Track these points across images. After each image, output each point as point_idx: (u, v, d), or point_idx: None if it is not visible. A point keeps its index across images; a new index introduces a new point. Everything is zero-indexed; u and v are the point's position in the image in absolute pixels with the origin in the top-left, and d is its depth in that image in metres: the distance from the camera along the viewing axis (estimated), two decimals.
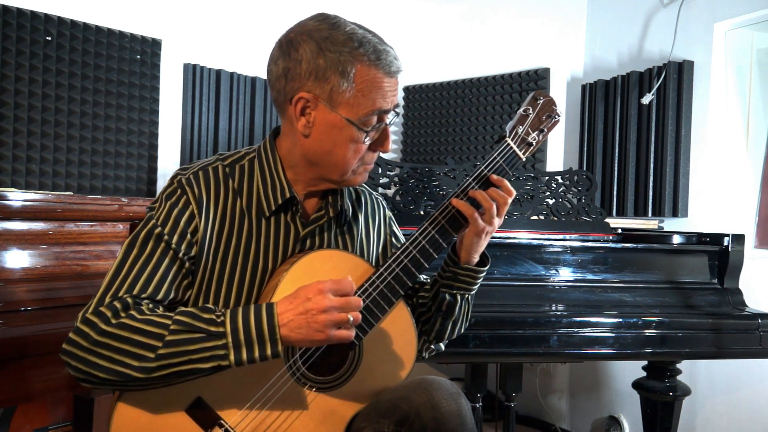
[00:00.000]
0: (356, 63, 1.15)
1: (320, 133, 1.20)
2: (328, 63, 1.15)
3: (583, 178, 2.38)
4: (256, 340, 1.07)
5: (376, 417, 1.20)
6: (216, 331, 1.08)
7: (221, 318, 1.09)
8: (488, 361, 2.25)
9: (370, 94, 1.17)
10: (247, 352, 1.07)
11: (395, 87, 1.21)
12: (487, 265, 1.33)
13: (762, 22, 2.64)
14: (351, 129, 1.18)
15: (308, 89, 1.17)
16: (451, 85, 3.57)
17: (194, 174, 1.23)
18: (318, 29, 1.17)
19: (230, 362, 1.07)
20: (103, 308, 1.11)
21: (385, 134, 1.23)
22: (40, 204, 1.70)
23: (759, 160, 2.76)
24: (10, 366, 1.50)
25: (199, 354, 1.07)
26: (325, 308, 1.07)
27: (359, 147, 1.20)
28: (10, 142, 2.49)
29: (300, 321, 1.08)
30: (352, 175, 1.25)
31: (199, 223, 1.20)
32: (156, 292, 1.15)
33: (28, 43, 2.51)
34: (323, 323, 1.07)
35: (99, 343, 1.08)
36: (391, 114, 1.22)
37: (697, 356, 2.27)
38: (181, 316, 1.09)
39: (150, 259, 1.16)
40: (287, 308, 1.09)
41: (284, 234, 1.26)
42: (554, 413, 3.26)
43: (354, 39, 1.16)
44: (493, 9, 3.50)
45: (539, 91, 1.37)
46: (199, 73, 3.06)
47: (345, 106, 1.17)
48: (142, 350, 1.07)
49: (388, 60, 1.18)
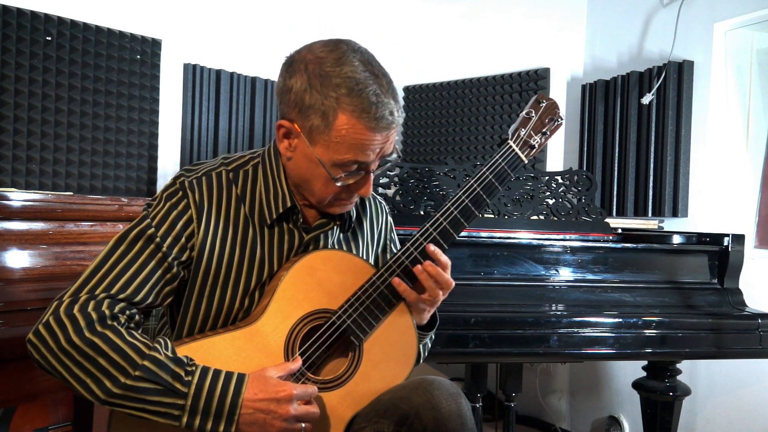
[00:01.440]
0: (339, 111, 1.11)
1: (299, 160, 1.20)
2: (312, 102, 1.12)
3: (583, 178, 2.38)
4: (214, 414, 1.07)
5: (376, 417, 1.20)
6: (179, 390, 1.06)
7: (188, 377, 1.07)
8: (488, 361, 2.25)
9: (349, 146, 1.13)
10: (201, 421, 1.06)
11: (385, 140, 1.15)
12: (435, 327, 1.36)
13: (762, 22, 2.64)
14: (323, 169, 1.16)
15: (292, 119, 1.16)
16: (451, 85, 3.57)
17: (198, 178, 1.22)
18: (319, 61, 1.13)
19: (181, 424, 1.06)
20: (77, 312, 1.08)
21: (364, 181, 1.20)
22: (40, 204, 1.70)
23: (759, 160, 2.76)
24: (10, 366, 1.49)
25: (154, 406, 1.06)
26: (287, 417, 1.08)
27: (331, 186, 1.19)
28: (10, 142, 2.49)
29: (258, 417, 1.08)
30: (329, 206, 1.24)
31: (197, 229, 1.19)
32: (134, 295, 1.14)
33: (28, 43, 2.51)
34: (278, 429, 1.09)
35: (64, 351, 1.06)
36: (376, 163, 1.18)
37: (697, 356, 2.27)
38: (150, 363, 1.06)
39: (136, 259, 1.15)
40: (252, 397, 1.08)
41: (288, 240, 1.26)
42: (554, 413, 3.26)
43: (349, 84, 1.11)
44: (493, 9, 3.50)
45: (542, 94, 1.37)
46: (199, 73, 3.06)
47: (322, 147, 1.15)
48: (103, 377, 1.05)
49: (379, 114, 1.12)
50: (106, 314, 1.09)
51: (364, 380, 1.24)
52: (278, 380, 1.11)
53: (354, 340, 1.22)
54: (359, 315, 1.22)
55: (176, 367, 1.07)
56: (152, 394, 1.05)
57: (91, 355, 1.05)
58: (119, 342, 1.07)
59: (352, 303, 1.22)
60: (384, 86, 1.14)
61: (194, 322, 1.22)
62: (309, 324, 1.21)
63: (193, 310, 1.22)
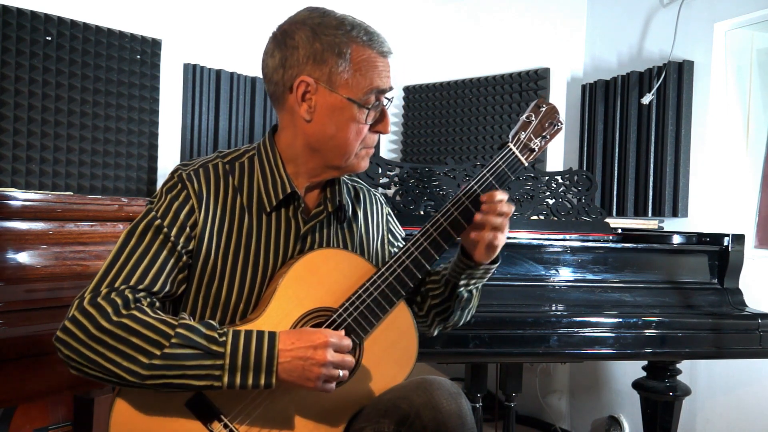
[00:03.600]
0: (351, 44, 1.20)
1: (322, 116, 1.22)
2: (324, 45, 1.19)
3: (583, 178, 2.38)
4: (253, 368, 1.09)
5: (376, 417, 1.20)
6: (216, 351, 1.08)
7: (223, 338, 1.10)
8: (488, 361, 2.25)
9: (367, 72, 1.20)
10: (242, 377, 1.09)
11: (389, 68, 1.25)
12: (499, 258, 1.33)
13: (762, 22, 2.64)
14: (352, 108, 1.20)
15: (307, 73, 1.20)
16: (451, 85, 3.57)
17: (195, 170, 1.24)
18: (310, 17, 1.23)
19: (222, 384, 1.08)
20: (102, 300, 1.10)
21: (383, 115, 1.26)
22: (40, 204, 1.70)
23: (759, 160, 2.76)
24: (10, 366, 1.49)
25: (194, 371, 1.07)
26: (324, 362, 1.10)
27: (361, 128, 1.23)
28: (10, 142, 2.49)
29: (296, 365, 1.10)
30: (355, 159, 1.26)
31: (199, 218, 1.20)
32: (153, 284, 1.16)
33: (28, 43, 2.51)
34: (317, 375, 1.11)
35: (96, 339, 1.07)
36: (389, 94, 1.26)
37: (697, 356, 2.27)
38: (183, 330, 1.09)
39: (148, 250, 1.17)
40: (289, 347, 1.11)
41: (285, 230, 1.27)
42: (554, 413, 3.26)
43: (345, 23, 1.21)
44: (493, 9, 3.50)
45: (542, 99, 1.38)
46: (199, 73, 3.06)
47: (344, 87, 1.20)
48: (139, 354, 1.07)
49: (380, 41, 1.23)
50: (129, 298, 1.12)
51: (364, 379, 1.24)
52: (312, 329, 1.14)
53: (354, 339, 1.22)
54: (360, 314, 1.22)
55: (208, 330, 1.10)
56: (190, 359, 1.07)
57: (124, 336, 1.07)
58: (148, 318, 1.09)
59: (353, 302, 1.22)
60: (367, 24, 1.25)
61: (193, 315, 1.23)
62: (310, 322, 1.21)
63: (192, 302, 1.22)
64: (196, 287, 1.22)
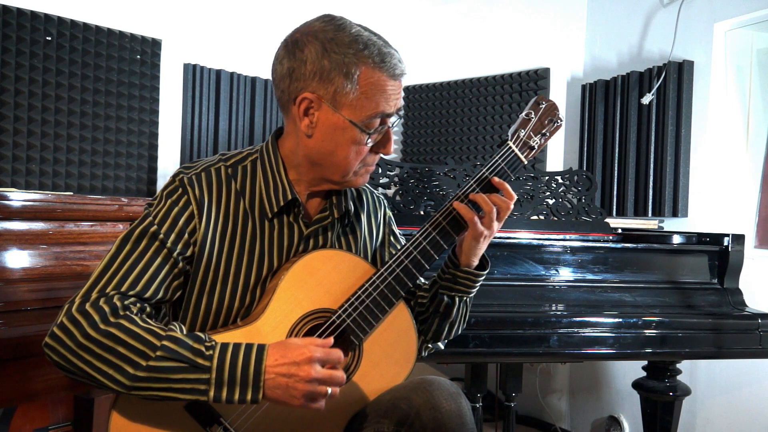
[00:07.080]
0: (360, 65, 1.16)
1: (323, 133, 1.20)
2: (332, 64, 1.16)
3: (583, 178, 2.38)
4: (240, 383, 1.06)
5: (376, 417, 1.20)
6: (202, 364, 1.06)
7: (210, 351, 1.08)
8: (488, 361, 2.25)
9: (374, 96, 1.17)
10: (228, 392, 1.06)
11: (399, 90, 1.21)
12: (487, 268, 1.33)
13: (762, 22, 2.64)
14: (353, 131, 1.18)
15: (312, 90, 1.18)
16: (451, 85, 3.57)
17: (197, 174, 1.23)
18: (323, 30, 1.18)
19: (208, 398, 1.07)
20: (90, 308, 1.09)
21: (387, 137, 1.24)
22: (40, 204, 1.70)
23: (759, 160, 2.76)
24: (10, 366, 1.49)
25: (179, 384, 1.06)
26: (309, 379, 1.07)
27: (361, 149, 1.20)
28: (10, 142, 2.49)
29: (280, 381, 1.07)
30: (353, 176, 1.25)
31: (199, 224, 1.20)
32: (144, 290, 1.15)
33: (28, 43, 2.51)
34: (301, 392, 1.07)
35: (83, 347, 1.07)
36: (394, 117, 1.23)
37: (697, 356, 2.27)
38: (168, 342, 1.07)
39: (142, 257, 1.16)
40: (272, 363, 1.08)
41: (288, 235, 1.26)
42: (554, 413, 3.26)
43: (359, 41, 1.17)
44: (493, 9, 3.50)
45: (541, 96, 1.37)
46: (199, 73, 3.06)
47: (348, 108, 1.17)
48: (124, 364, 1.06)
49: (393, 63, 1.18)
50: (117, 306, 1.10)
51: (364, 380, 1.24)
52: (300, 344, 1.10)
53: (354, 340, 1.22)
54: (359, 315, 1.22)
55: (195, 343, 1.08)
56: (176, 372, 1.06)
57: (110, 345, 1.06)
58: (135, 328, 1.08)
59: (353, 302, 1.22)
60: (384, 41, 1.20)
61: (195, 320, 1.22)
62: (309, 323, 1.21)
63: (194, 307, 1.22)
64: (198, 291, 1.21)
